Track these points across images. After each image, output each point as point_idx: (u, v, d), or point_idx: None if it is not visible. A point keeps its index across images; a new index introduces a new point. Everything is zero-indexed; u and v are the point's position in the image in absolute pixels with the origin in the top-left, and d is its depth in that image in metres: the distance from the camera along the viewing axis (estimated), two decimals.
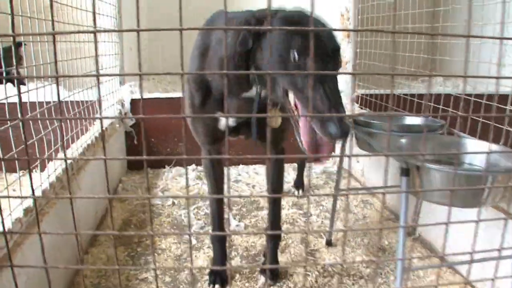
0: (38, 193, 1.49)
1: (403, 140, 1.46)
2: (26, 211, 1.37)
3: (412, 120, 1.80)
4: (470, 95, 2.52)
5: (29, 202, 1.39)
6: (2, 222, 1.07)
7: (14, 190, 1.49)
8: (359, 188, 2.51)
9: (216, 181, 1.67)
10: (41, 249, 0.85)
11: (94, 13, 0.82)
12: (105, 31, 1.02)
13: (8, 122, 1.39)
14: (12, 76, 2.23)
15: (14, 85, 2.45)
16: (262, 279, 1.68)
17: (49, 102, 1.67)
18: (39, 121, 1.74)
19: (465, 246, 1.26)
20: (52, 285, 0.80)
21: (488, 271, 0.92)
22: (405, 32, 0.72)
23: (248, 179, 2.78)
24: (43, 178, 1.56)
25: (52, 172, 1.64)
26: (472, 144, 1.47)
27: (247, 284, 1.68)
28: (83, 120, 2.22)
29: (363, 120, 1.70)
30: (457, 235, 1.44)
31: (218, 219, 1.70)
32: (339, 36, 2.97)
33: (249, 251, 1.93)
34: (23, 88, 1.59)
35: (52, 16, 0.78)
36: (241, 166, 2.97)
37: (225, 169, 1.73)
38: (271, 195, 1.71)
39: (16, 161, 1.45)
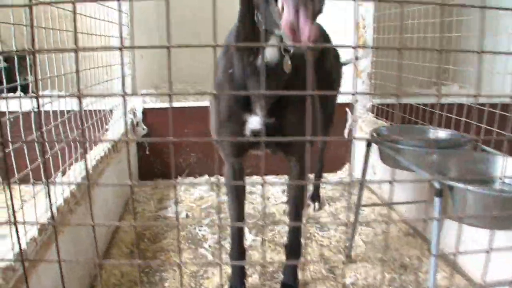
0: (53, 209, 1.44)
1: (433, 157, 1.40)
2: (40, 230, 1.32)
3: (437, 134, 1.74)
4: (483, 104, 2.47)
5: (44, 218, 1.35)
6: (20, 245, 1.03)
7: (25, 201, 1.45)
8: (381, 204, 2.43)
9: (238, 198, 1.61)
10: (60, 275, 0.80)
11: (121, 31, 0.79)
12: (132, 47, 0.97)
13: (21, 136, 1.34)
14: (32, 96, 2.19)
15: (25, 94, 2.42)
16: None
17: (62, 111, 1.63)
18: (53, 132, 1.69)
19: (494, 269, 1.20)
20: None
21: None
22: (411, 48, 0.67)
23: (262, 190, 2.72)
24: (58, 194, 1.52)
25: (65, 187, 1.59)
26: (502, 160, 1.41)
27: None
28: (97, 130, 2.18)
29: (388, 135, 1.64)
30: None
31: (238, 236, 1.65)
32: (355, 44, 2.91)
33: (267, 267, 1.88)
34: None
35: (76, 31, 0.73)
36: (254, 177, 2.91)
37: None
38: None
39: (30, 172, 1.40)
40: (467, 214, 1.18)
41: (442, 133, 1.73)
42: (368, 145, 1.71)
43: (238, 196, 1.61)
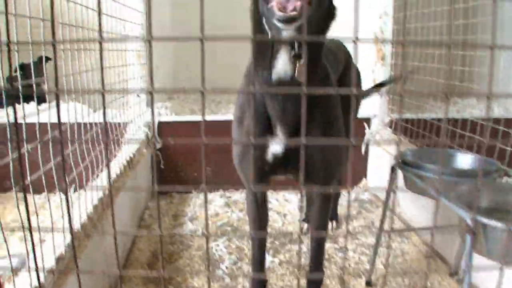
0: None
1: (463, 187, 1.35)
2: (58, 259, 1.30)
3: (462, 158, 1.69)
4: (499, 120, 2.41)
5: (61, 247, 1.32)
6: (37, 274, 1.00)
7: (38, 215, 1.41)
8: (406, 229, 2.36)
9: (260, 221, 1.57)
10: None
11: (149, 22, 0.76)
12: (159, 39, 0.93)
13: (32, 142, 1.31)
14: (52, 91, 2.17)
15: (37, 103, 2.40)
16: None
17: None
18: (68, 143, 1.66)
19: None
20: None
21: None
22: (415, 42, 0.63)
23: (278, 207, 2.68)
24: (82, 211, 1.49)
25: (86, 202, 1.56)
26: None
27: None
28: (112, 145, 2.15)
29: (412, 161, 1.59)
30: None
31: (259, 261, 1.60)
32: (373, 59, 2.87)
33: None
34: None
35: (100, 23, 0.67)
36: (269, 192, 2.87)
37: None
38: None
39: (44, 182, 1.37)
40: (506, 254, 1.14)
41: (468, 158, 1.68)
42: (393, 170, 1.66)
43: (260, 219, 1.57)
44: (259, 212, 1.56)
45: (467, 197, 1.36)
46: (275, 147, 1.36)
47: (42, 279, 1.18)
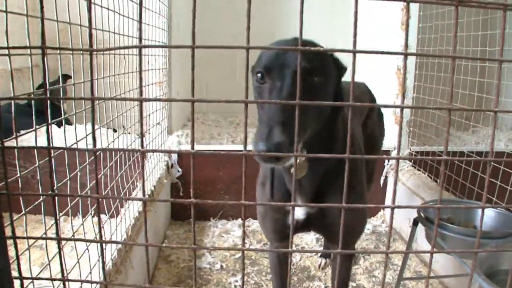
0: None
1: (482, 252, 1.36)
2: None
3: (486, 213, 1.69)
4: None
5: None
6: None
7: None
8: (424, 277, 2.35)
9: (282, 279, 1.58)
10: None
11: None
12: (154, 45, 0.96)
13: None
14: (88, 98, 2.21)
15: (58, 127, 2.44)
16: None
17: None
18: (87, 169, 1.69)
19: None
20: None
21: None
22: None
23: (296, 239, 2.69)
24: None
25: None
26: None
27: None
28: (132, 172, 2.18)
29: (433, 218, 1.60)
30: None
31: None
32: (395, 92, 2.88)
33: None
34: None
35: (141, 32, 0.69)
36: None
37: None
38: None
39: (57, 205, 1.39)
40: None
41: (491, 213, 1.68)
42: (415, 223, 1.67)
43: (282, 277, 1.58)
44: (281, 264, 1.57)
45: (487, 261, 1.37)
46: (296, 213, 1.38)
47: None
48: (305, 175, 1.25)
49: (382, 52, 0.64)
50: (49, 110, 0.78)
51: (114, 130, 2.66)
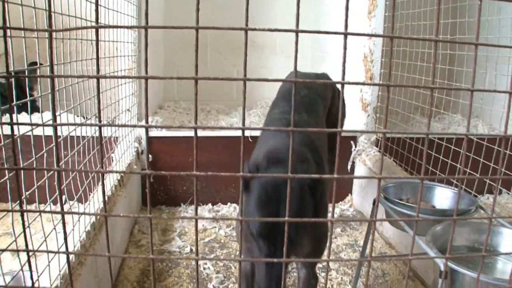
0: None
1: (438, 228, 1.43)
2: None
3: (441, 193, 1.77)
4: (483, 139, 2.51)
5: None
6: None
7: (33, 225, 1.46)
8: (387, 256, 2.43)
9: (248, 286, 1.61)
10: None
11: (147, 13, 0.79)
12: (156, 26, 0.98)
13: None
14: (49, 76, 2.20)
15: (27, 113, 2.42)
16: None
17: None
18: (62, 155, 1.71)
19: None
20: None
21: None
22: (399, 85, 0.69)
23: None
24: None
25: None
26: (510, 233, 1.44)
27: None
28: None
29: (392, 196, 1.67)
30: None
31: None
32: (361, 79, 2.94)
33: None
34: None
35: (97, 14, 0.71)
36: None
37: None
38: None
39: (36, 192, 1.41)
40: None
41: (447, 193, 1.76)
42: (374, 203, 1.73)
43: (250, 283, 1.62)
44: (251, 276, 1.60)
45: (442, 237, 1.45)
46: None
47: None
48: None
49: (327, 33, 0.67)
50: (14, 95, 0.80)
51: (85, 118, 2.66)
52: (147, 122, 0.70)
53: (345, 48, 0.63)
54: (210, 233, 2.58)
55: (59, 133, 1.56)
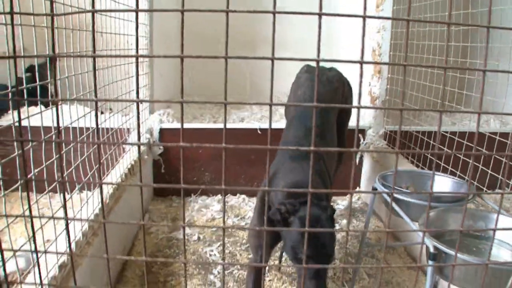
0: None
1: (433, 213, 1.46)
2: (61, 267, 1.43)
3: (440, 182, 1.80)
4: (495, 133, 2.51)
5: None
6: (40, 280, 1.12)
7: (42, 210, 1.53)
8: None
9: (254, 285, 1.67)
10: None
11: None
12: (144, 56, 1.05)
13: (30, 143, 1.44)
14: (52, 99, 2.29)
15: (45, 106, 2.53)
16: None
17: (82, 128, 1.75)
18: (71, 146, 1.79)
19: None
20: None
21: None
22: (415, 65, 0.72)
23: None
24: (77, 228, 1.62)
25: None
26: (502, 220, 1.46)
27: None
28: (113, 149, 2.28)
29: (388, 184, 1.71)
30: None
31: None
32: (370, 72, 2.97)
33: None
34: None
35: (94, 39, 0.77)
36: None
37: None
38: None
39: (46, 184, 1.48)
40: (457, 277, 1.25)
41: (446, 182, 1.78)
42: (374, 189, 1.77)
43: (254, 282, 1.68)
44: (257, 273, 1.66)
45: (435, 223, 1.48)
46: None
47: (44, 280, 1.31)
48: None
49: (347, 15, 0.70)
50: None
51: (101, 112, 2.76)
52: (138, 96, 0.76)
53: (363, 31, 0.67)
54: (218, 222, 2.64)
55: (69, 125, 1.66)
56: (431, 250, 1.27)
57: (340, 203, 3.00)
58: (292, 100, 2.18)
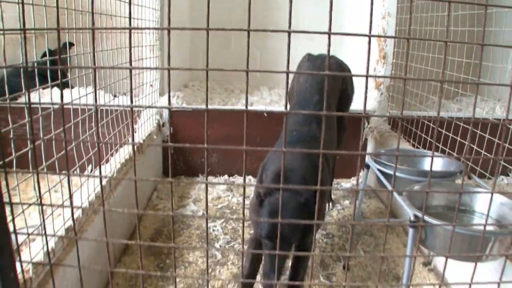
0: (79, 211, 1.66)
1: (416, 187, 1.53)
2: (67, 230, 1.54)
3: (434, 161, 1.86)
4: (498, 119, 2.53)
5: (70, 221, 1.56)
6: (47, 243, 1.23)
7: (55, 191, 1.63)
8: (372, 223, 2.54)
9: (253, 262, 1.74)
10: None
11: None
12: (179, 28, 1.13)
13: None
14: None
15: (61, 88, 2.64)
16: None
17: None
18: (80, 126, 1.90)
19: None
20: None
21: None
22: (419, 38, 0.79)
23: None
24: (83, 195, 1.73)
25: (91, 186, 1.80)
26: (487, 196, 1.52)
27: None
28: (122, 129, 2.38)
29: (382, 159, 1.77)
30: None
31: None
32: (375, 57, 3.02)
33: None
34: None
35: (93, 11, 0.86)
36: None
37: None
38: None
39: (57, 163, 1.59)
40: (437, 245, 1.32)
41: (438, 160, 1.84)
42: (367, 167, 1.84)
43: (253, 260, 1.74)
44: (256, 248, 1.74)
45: (420, 195, 1.55)
46: None
47: (52, 245, 1.42)
48: None
49: None
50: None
51: (114, 96, 2.87)
52: (130, 64, 0.85)
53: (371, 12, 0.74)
54: (223, 200, 2.74)
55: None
56: (412, 218, 1.34)
57: (344, 186, 3.07)
58: (295, 87, 2.25)
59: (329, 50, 0.78)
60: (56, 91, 2.62)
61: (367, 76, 0.81)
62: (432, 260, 2.12)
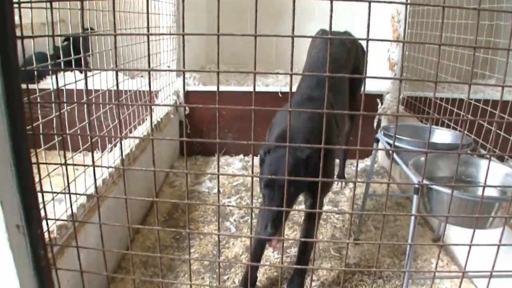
0: (99, 182, 1.75)
1: (422, 158, 1.57)
2: (88, 197, 1.63)
3: (442, 134, 1.90)
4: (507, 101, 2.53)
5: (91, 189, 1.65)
6: (71, 207, 1.32)
7: (77, 169, 1.72)
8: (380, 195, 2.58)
9: (261, 245, 1.79)
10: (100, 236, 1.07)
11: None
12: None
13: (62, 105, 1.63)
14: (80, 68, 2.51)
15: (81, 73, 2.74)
16: None
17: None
18: (100, 107, 1.98)
19: (484, 259, 1.37)
20: (106, 260, 1.03)
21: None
22: (449, 44, 0.85)
23: None
24: (104, 169, 1.82)
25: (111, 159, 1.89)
26: (492, 167, 1.56)
27: None
28: (141, 110, 2.47)
29: (391, 133, 1.82)
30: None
31: (255, 255, 1.83)
32: (389, 36, 3.03)
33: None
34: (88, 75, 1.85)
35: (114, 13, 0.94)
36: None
37: None
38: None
39: (80, 142, 1.67)
40: (440, 213, 1.37)
41: (446, 135, 1.88)
42: (377, 141, 1.89)
43: (262, 243, 1.79)
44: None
45: (427, 166, 1.59)
46: None
47: (75, 209, 1.52)
48: None
49: None
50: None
51: (132, 78, 2.95)
52: (148, 30, 0.92)
53: None
54: (238, 179, 2.81)
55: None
56: (416, 185, 1.39)
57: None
58: (307, 60, 2.31)
59: (331, 17, 0.83)
60: (78, 74, 2.71)
61: (367, 40, 0.86)
62: (442, 237, 2.16)
